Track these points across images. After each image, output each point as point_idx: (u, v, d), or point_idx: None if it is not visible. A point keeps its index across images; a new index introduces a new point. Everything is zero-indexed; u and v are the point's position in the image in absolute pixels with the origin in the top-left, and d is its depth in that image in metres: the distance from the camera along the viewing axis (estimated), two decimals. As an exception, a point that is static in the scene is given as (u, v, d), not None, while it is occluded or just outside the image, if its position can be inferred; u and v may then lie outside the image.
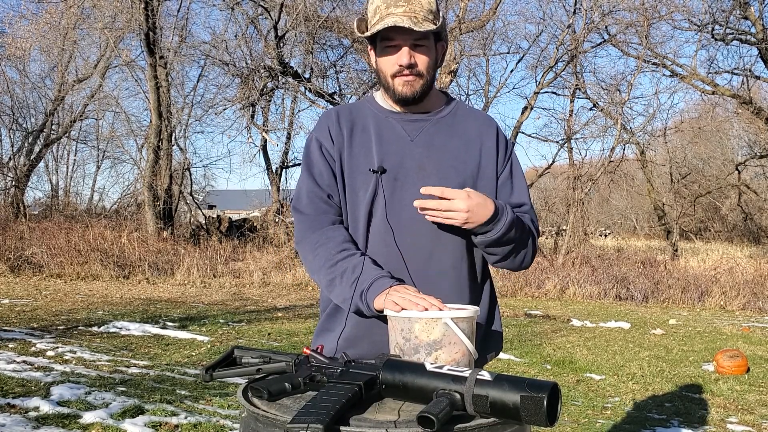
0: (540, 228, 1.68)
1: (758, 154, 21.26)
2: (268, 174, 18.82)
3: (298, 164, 16.20)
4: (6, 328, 6.29)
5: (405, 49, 1.52)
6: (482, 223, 1.45)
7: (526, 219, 1.59)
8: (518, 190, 1.64)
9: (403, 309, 1.30)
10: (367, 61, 15.08)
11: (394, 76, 1.55)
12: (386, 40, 1.53)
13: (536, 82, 17.52)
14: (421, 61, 1.54)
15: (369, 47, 1.63)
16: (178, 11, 16.15)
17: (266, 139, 17.68)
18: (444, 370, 1.11)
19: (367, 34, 1.54)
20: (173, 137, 16.31)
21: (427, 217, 1.46)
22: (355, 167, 1.56)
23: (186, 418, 3.64)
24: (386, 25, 1.47)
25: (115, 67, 17.54)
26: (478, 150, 1.61)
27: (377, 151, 1.56)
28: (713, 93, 17.95)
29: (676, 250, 17.33)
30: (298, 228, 1.58)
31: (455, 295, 1.55)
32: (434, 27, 1.50)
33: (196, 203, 19.40)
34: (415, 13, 1.49)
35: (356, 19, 1.60)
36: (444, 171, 1.56)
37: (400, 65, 1.52)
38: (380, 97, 1.66)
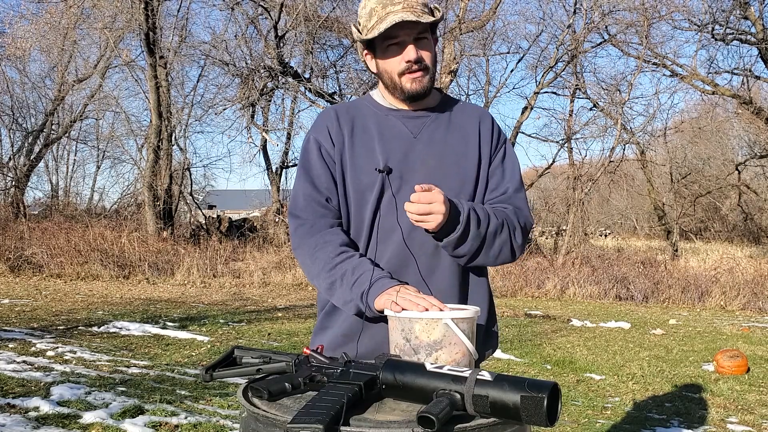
0: (531, 217, 1.61)
1: (758, 154, 21.26)
2: (268, 174, 18.82)
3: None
4: (6, 328, 6.28)
5: (411, 46, 1.51)
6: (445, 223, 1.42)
7: (508, 211, 1.56)
8: (507, 175, 1.62)
9: (403, 309, 1.30)
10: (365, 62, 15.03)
11: (401, 74, 1.54)
12: (389, 38, 1.51)
13: (536, 82, 17.54)
14: (426, 54, 1.54)
15: (365, 52, 1.60)
16: (178, 11, 16.18)
17: (266, 139, 17.69)
18: (444, 370, 1.11)
19: (374, 33, 1.50)
20: (173, 137, 16.32)
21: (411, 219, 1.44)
22: (359, 168, 1.55)
23: (186, 418, 3.64)
24: (393, 22, 1.46)
25: (115, 67, 17.57)
26: (476, 143, 1.62)
27: (381, 150, 1.55)
28: (713, 93, 17.95)
29: (676, 250, 17.34)
30: (295, 233, 1.56)
31: (458, 290, 1.56)
32: (435, 18, 1.51)
33: (196, 203, 19.41)
34: (413, 7, 1.49)
35: (353, 24, 1.59)
36: (447, 166, 1.57)
37: (408, 61, 1.51)
38: (379, 96, 1.65)
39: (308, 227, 1.53)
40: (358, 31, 1.57)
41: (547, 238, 19.94)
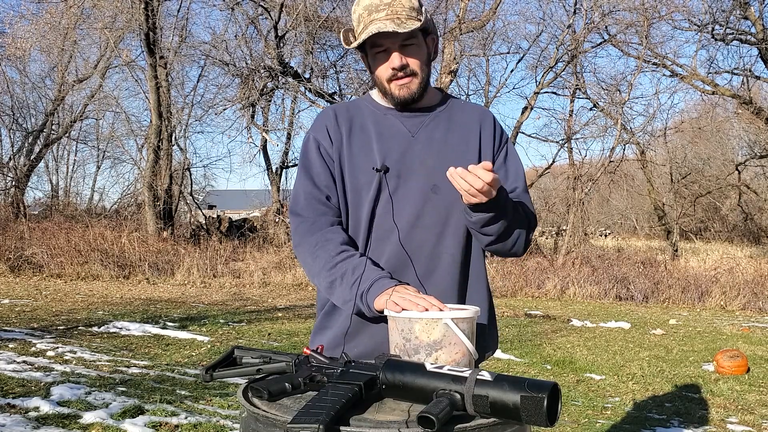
0: (536, 218, 1.63)
1: (758, 154, 21.27)
2: (268, 174, 18.83)
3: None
4: (6, 328, 6.29)
5: (395, 53, 1.51)
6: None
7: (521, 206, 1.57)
8: (512, 174, 1.62)
9: (403, 309, 1.29)
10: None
11: (389, 80, 1.54)
12: (375, 46, 1.52)
13: (536, 82, 17.54)
14: (413, 60, 1.53)
15: (361, 56, 1.63)
16: (178, 11, 16.19)
17: (266, 139, 17.69)
18: (444, 371, 1.11)
19: (354, 44, 1.53)
20: (173, 137, 16.32)
21: (456, 182, 1.36)
22: (356, 166, 1.55)
23: (186, 418, 3.64)
24: (370, 33, 1.46)
25: (115, 67, 17.57)
26: (477, 141, 1.61)
27: (378, 149, 1.55)
28: (713, 93, 17.95)
29: (676, 250, 17.34)
30: (296, 231, 1.56)
31: (457, 291, 1.55)
32: (419, 24, 1.49)
33: (196, 203, 19.40)
34: (398, 14, 1.48)
35: (343, 30, 1.59)
36: (446, 166, 1.55)
37: (393, 69, 1.52)
38: (377, 95, 1.65)
39: (309, 225, 1.54)
40: (353, 36, 1.58)
41: (547, 238, 19.94)
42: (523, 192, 1.61)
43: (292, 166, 18.95)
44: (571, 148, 17.95)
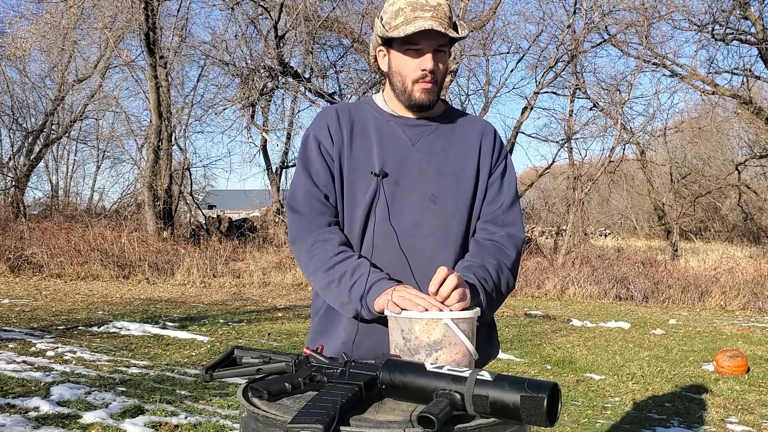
0: (522, 231, 1.63)
1: (758, 154, 21.26)
2: (268, 174, 18.84)
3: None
4: (6, 328, 6.28)
5: (429, 55, 1.51)
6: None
7: (496, 246, 1.55)
8: (503, 190, 1.62)
9: (403, 310, 1.29)
10: (367, 61, 15.08)
11: (415, 81, 1.53)
12: (410, 43, 1.51)
13: (536, 82, 17.55)
14: (440, 67, 1.55)
15: (378, 49, 1.60)
16: (178, 11, 16.18)
17: (266, 139, 17.70)
18: (444, 370, 1.11)
19: (398, 34, 1.49)
20: (173, 137, 16.32)
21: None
22: (355, 168, 1.55)
23: (186, 418, 3.64)
24: (422, 28, 1.46)
25: (115, 67, 17.56)
26: (476, 156, 1.61)
27: (378, 155, 1.55)
28: (713, 93, 17.96)
29: (676, 250, 17.34)
30: (293, 227, 1.56)
31: None
32: (460, 35, 1.52)
33: (196, 203, 19.40)
34: (441, 18, 1.49)
35: (377, 17, 1.58)
36: (444, 176, 1.56)
37: (424, 70, 1.51)
38: (381, 100, 1.64)
39: (306, 223, 1.53)
40: (382, 26, 1.55)
41: (547, 238, 19.94)
42: (509, 207, 1.60)
43: (292, 166, 18.94)
44: (571, 148, 17.97)
